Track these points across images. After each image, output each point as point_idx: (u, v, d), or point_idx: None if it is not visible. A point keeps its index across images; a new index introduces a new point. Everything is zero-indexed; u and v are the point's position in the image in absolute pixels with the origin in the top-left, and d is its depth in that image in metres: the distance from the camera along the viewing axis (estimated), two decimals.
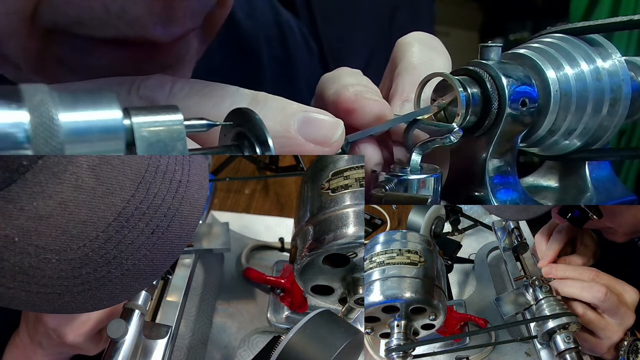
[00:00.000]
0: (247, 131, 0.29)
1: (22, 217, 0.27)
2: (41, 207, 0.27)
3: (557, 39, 0.39)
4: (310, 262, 0.42)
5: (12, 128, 0.21)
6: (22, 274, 0.28)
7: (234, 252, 0.75)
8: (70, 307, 0.30)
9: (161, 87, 0.30)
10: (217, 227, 0.66)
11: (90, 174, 0.28)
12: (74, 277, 0.29)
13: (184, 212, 0.31)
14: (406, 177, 0.34)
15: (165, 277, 0.57)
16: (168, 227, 0.30)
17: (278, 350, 0.39)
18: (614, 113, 0.39)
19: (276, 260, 0.78)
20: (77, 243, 0.28)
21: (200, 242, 0.62)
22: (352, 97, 0.34)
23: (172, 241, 0.31)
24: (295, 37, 0.74)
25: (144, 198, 0.29)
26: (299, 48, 0.74)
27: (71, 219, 0.28)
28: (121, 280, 0.30)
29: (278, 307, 0.69)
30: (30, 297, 0.29)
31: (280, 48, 0.71)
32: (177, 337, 0.61)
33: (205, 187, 0.34)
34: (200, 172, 0.33)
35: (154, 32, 0.36)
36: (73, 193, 0.27)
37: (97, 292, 0.30)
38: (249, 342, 0.67)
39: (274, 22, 0.71)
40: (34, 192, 0.27)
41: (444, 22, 2.01)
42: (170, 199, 0.30)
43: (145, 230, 0.29)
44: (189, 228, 0.32)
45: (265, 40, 0.68)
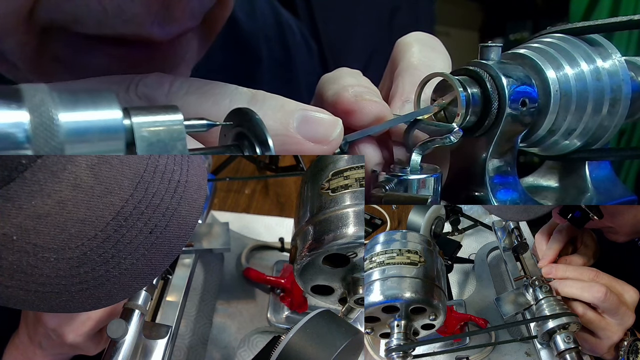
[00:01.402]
0: (247, 131, 0.29)
1: (21, 216, 0.27)
2: (40, 205, 0.27)
3: (557, 39, 0.39)
4: (310, 262, 0.42)
5: (12, 128, 0.21)
6: (20, 273, 0.28)
7: (234, 252, 0.75)
8: (68, 306, 0.30)
9: (160, 86, 0.30)
10: (217, 227, 0.66)
11: (89, 173, 0.28)
12: (72, 276, 0.29)
13: (182, 212, 0.31)
14: (406, 177, 0.33)
15: (165, 277, 0.57)
16: (166, 226, 0.30)
17: (278, 350, 0.39)
18: (614, 113, 0.39)
19: (276, 260, 0.78)
20: (76, 242, 0.28)
21: (200, 242, 0.62)
22: (351, 98, 0.34)
23: (171, 241, 0.31)
24: (295, 37, 0.74)
25: (142, 198, 0.29)
26: (298, 49, 0.74)
27: (69, 217, 0.28)
28: (119, 280, 0.30)
29: (278, 307, 0.69)
30: (29, 295, 0.29)
31: (280, 49, 0.71)
32: (177, 337, 0.61)
33: (204, 187, 0.34)
34: (198, 173, 0.33)
35: (151, 30, 0.36)
36: (72, 192, 0.27)
37: (95, 291, 0.30)
38: (249, 342, 0.67)
39: (274, 22, 0.71)
40: (33, 190, 0.27)
41: (444, 22, 2.01)
42: (169, 199, 0.30)
43: (143, 230, 0.29)
44: (187, 228, 0.32)
45: (265, 40, 0.68)
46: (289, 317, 0.68)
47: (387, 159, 0.37)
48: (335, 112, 0.34)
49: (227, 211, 0.89)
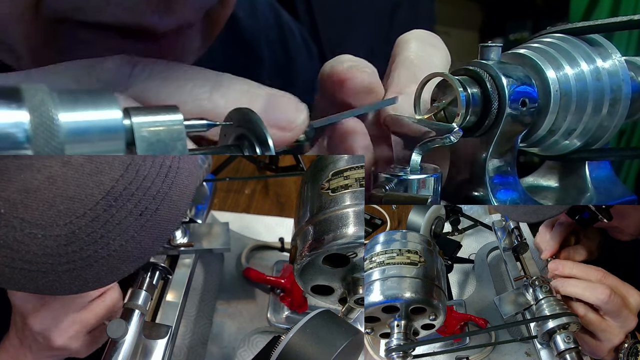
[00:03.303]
0: (247, 131, 0.29)
1: (10, 189, 0.27)
2: (29, 179, 0.27)
3: (557, 39, 0.39)
4: (310, 262, 0.42)
5: (12, 128, 0.21)
6: (6, 248, 0.28)
7: (234, 252, 0.75)
8: (54, 287, 0.30)
9: (121, 69, 0.29)
10: (217, 227, 0.66)
11: None
12: (59, 255, 0.28)
13: (173, 197, 0.31)
14: (406, 177, 0.33)
15: (165, 277, 0.57)
16: (157, 210, 0.30)
17: (278, 350, 0.39)
18: (614, 113, 0.39)
19: (276, 260, 0.78)
20: (64, 219, 0.28)
21: (200, 242, 0.62)
22: (345, 68, 0.34)
23: (161, 224, 0.31)
24: (295, 40, 0.74)
25: (133, 179, 0.29)
26: (299, 51, 0.74)
27: (59, 194, 0.27)
28: (107, 261, 0.30)
29: (278, 307, 0.69)
30: (14, 274, 0.28)
31: (280, 50, 0.71)
32: (177, 337, 0.61)
33: (195, 175, 0.34)
34: (190, 160, 0.33)
35: (152, 20, 0.36)
36: (62, 168, 0.27)
37: (83, 272, 0.29)
38: (249, 342, 0.67)
39: (275, 24, 0.71)
40: (23, 164, 0.27)
41: (444, 22, 2.01)
42: (160, 183, 0.30)
43: (133, 212, 0.29)
44: (177, 213, 0.32)
45: (266, 41, 0.69)
46: (289, 317, 0.68)
47: (387, 158, 0.37)
48: (331, 84, 0.33)
49: (227, 211, 0.89)
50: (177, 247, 0.60)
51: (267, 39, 0.69)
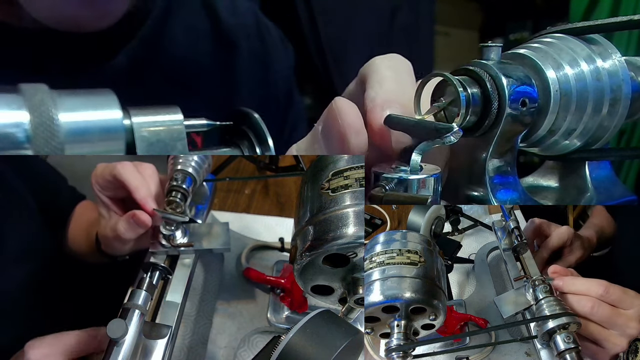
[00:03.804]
0: (248, 131, 0.29)
1: None
2: None
3: (557, 39, 0.39)
4: (310, 262, 0.42)
5: (12, 128, 0.21)
6: None
7: (234, 252, 0.75)
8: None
9: None
10: (217, 227, 0.65)
11: None
12: None
13: None
14: (406, 177, 0.33)
15: (165, 277, 0.57)
16: None
17: (278, 350, 0.39)
18: (614, 113, 0.39)
19: (276, 260, 0.78)
20: None
21: (200, 242, 0.62)
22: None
23: None
24: (272, 37, 0.78)
25: None
26: (275, 46, 0.78)
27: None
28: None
29: (278, 307, 0.69)
30: None
31: (258, 43, 0.75)
32: (177, 337, 0.61)
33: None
34: None
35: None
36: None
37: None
38: (249, 342, 0.67)
39: (254, 22, 0.76)
40: None
41: (444, 22, 2.01)
42: None
43: None
44: None
45: (245, 36, 0.73)
46: (289, 317, 0.68)
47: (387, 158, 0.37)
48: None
49: (227, 211, 0.89)
50: (177, 247, 0.60)
51: (246, 34, 0.73)
